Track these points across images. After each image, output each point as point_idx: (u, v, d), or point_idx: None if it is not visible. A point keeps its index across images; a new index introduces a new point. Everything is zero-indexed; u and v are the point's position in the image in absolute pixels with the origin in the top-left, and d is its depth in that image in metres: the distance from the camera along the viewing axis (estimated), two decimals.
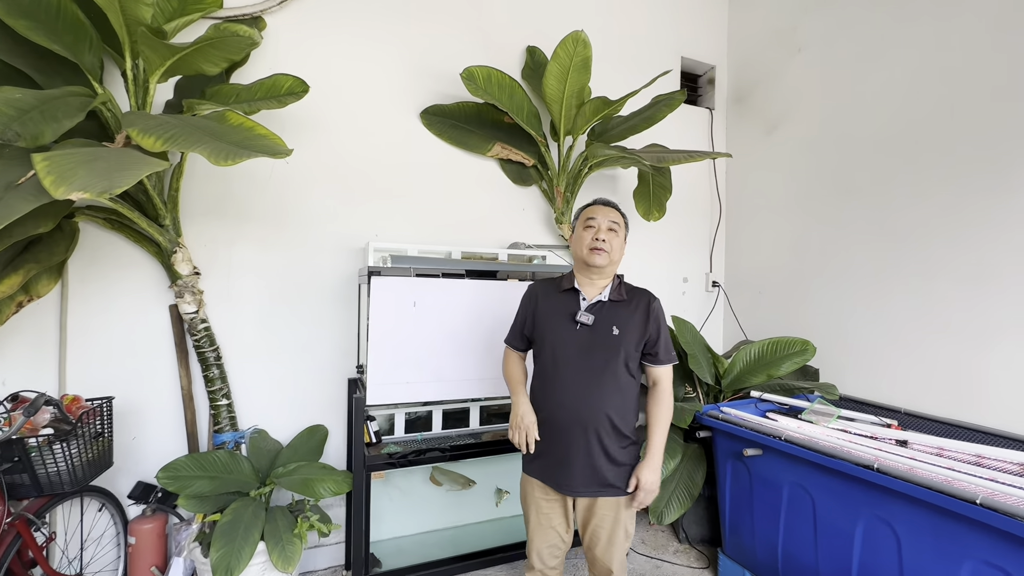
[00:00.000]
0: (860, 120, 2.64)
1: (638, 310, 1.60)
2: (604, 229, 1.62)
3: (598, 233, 1.61)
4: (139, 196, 2.00)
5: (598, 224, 1.63)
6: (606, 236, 1.61)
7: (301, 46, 2.39)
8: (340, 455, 2.44)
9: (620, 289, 1.64)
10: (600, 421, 1.54)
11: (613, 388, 1.55)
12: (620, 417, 1.57)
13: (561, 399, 1.58)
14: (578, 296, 1.65)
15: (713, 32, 3.45)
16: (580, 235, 1.66)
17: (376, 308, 2.04)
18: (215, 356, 2.15)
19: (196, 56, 1.80)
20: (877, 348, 2.54)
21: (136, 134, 1.56)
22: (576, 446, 1.56)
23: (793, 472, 1.94)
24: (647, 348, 1.60)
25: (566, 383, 1.58)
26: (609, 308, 1.61)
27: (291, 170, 2.37)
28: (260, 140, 1.68)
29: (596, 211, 1.67)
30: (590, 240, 1.61)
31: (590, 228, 1.63)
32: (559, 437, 1.58)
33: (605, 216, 1.64)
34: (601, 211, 1.66)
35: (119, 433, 2.03)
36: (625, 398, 1.58)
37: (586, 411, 1.55)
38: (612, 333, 1.57)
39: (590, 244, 1.61)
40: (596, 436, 1.54)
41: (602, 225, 1.62)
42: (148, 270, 2.13)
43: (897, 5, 2.47)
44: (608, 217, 1.64)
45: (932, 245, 2.32)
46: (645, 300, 1.62)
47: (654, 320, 1.60)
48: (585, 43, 2.28)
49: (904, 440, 2.00)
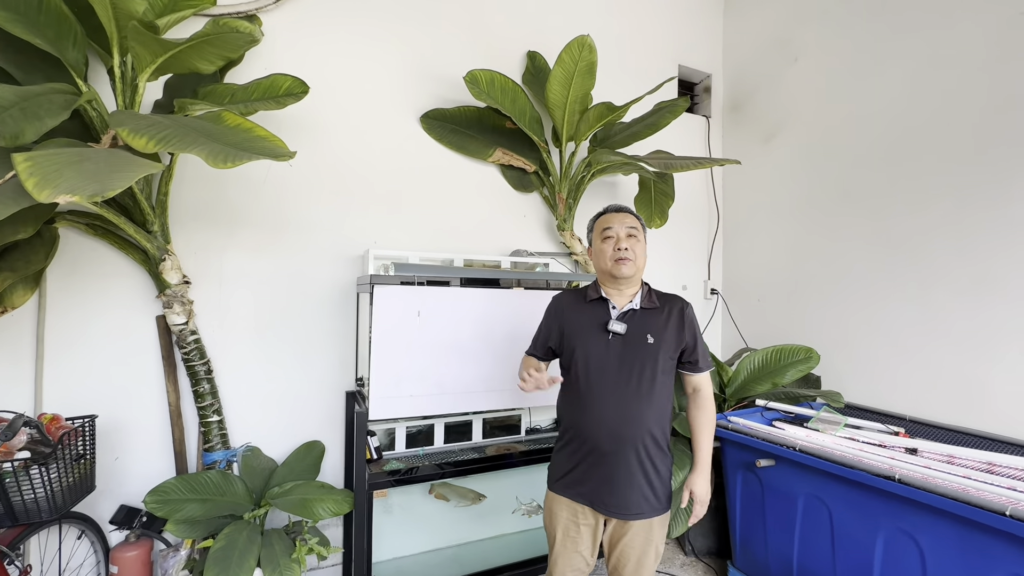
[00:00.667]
0: (858, 129, 2.66)
1: (672, 317, 1.54)
2: (624, 237, 1.56)
3: (619, 243, 1.54)
4: (125, 200, 1.88)
5: (616, 233, 1.56)
6: (628, 244, 1.54)
7: (297, 46, 2.30)
8: (338, 472, 2.33)
9: (651, 296, 1.59)
10: (643, 437, 1.48)
11: (652, 400, 1.49)
12: (661, 431, 1.52)
13: (600, 415, 1.49)
14: (607, 305, 1.58)
15: (708, 41, 3.47)
16: (600, 248, 1.59)
17: (379, 318, 1.96)
18: (205, 370, 2.03)
19: (190, 53, 1.71)
20: (878, 355, 2.55)
21: (126, 134, 1.46)
22: (616, 464, 1.48)
23: (808, 483, 1.91)
24: (685, 356, 1.55)
25: (603, 398, 1.50)
26: (641, 316, 1.55)
27: (287, 174, 2.28)
28: (260, 142, 1.59)
29: (611, 219, 1.60)
30: (612, 251, 1.55)
31: (609, 239, 1.57)
32: (600, 457, 1.50)
33: (622, 223, 1.58)
34: (617, 218, 1.59)
35: (101, 453, 1.90)
36: (664, 410, 1.52)
37: (628, 427, 1.47)
38: (647, 342, 1.50)
39: (613, 256, 1.54)
40: (637, 453, 1.47)
41: (620, 233, 1.56)
42: (134, 279, 2.01)
43: (894, 16, 2.50)
44: (625, 224, 1.58)
45: (932, 253, 2.34)
46: (678, 306, 1.57)
47: (689, 326, 1.55)
48: (591, 48, 2.25)
49: (914, 448, 1.99)
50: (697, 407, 1.59)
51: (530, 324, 2.20)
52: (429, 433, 2.30)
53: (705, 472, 1.54)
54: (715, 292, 3.41)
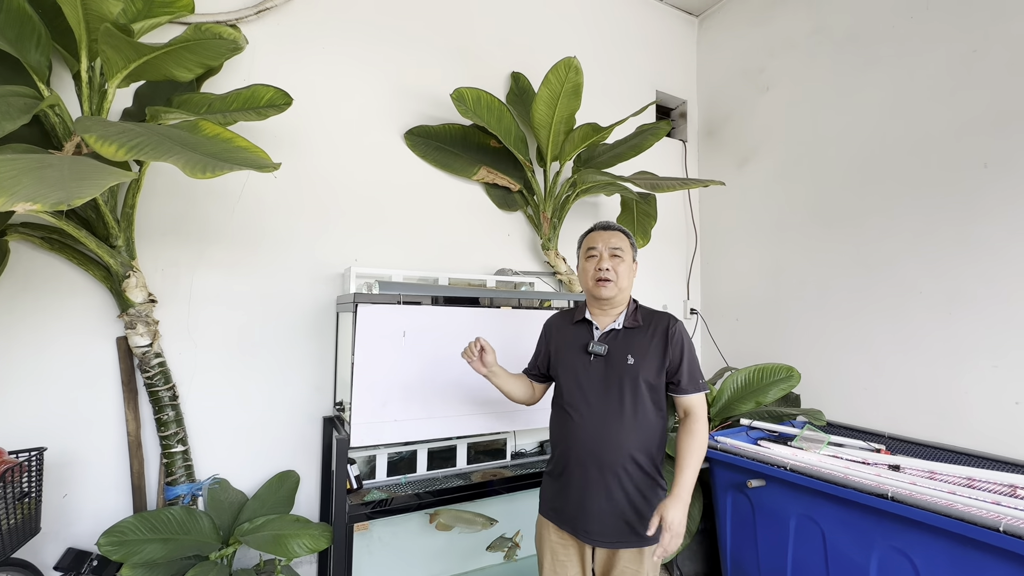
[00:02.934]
0: (829, 154, 2.77)
1: (656, 335, 1.50)
2: (607, 257, 1.52)
3: (600, 262, 1.52)
4: (87, 213, 1.75)
5: (599, 252, 1.53)
6: (610, 264, 1.51)
7: (278, 59, 2.24)
8: (312, 504, 2.18)
9: (636, 315, 1.55)
10: (622, 461, 1.43)
11: (635, 424, 1.44)
12: (646, 456, 1.45)
13: (579, 437, 1.46)
14: (591, 327, 1.56)
15: (683, 68, 3.59)
16: (583, 267, 1.57)
17: (362, 338, 1.87)
18: (170, 396, 1.88)
19: (167, 59, 1.62)
20: (856, 372, 2.61)
21: (94, 140, 1.36)
22: (596, 489, 1.43)
23: (800, 503, 1.90)
24: (669, 376, 1.49)
25: (583, 420, 1.47)
26: (624, 336, 1.52)
27: (264, 189, 2.18)
28: (242, 152, 1.51)
29: (596, 238, 1.56)
30: (593, 271, 1.52)
31: (592, 258, 1.54)
32: (578, 480, 1.46)
33: (606, 243, 1.54)
34: (601, 237, 1.56)
35: (48, 490, 1.71)
36: (649, 435, 1.46)
37: (606, 450, 1.43)
38: (627, 362, 1.47)
39: (594, 275, 1.52)
40: (618, 478, 1.42)
41: (603, 253, 1.53)
42: (93, 297, 1.86)
43: (861, 49, 2.64)
44: (609, 244, 1.54)
45: (905, 272, 2.42)
46: (663, 324, 1.52)
47: (675, 344, 1.48)
48: (577, 69, 2.27)
49: (896, 465, 2.01)
50: (686, 430, 1.47)
51: (518, 344, 2.15)
52: (412, 459, 2.19)
53: (681, 499, 1.36)
54: (694, 312, 3.45)
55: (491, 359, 1.63)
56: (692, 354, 1.52)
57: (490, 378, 1.65)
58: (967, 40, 2.25)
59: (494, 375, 1.65)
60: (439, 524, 2.10)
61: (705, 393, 1.52)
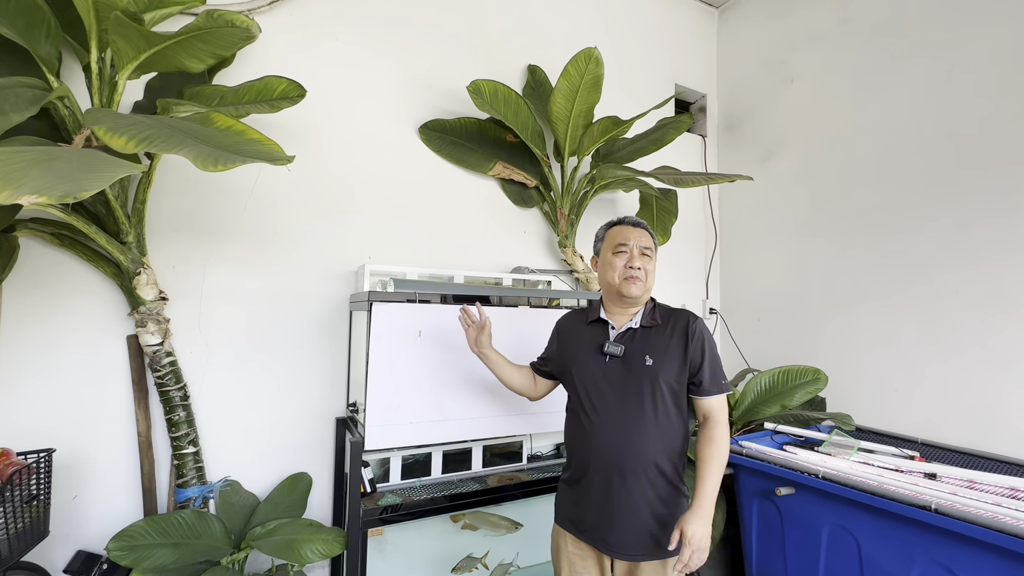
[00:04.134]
0: (858, 148, 2.67)
1: (675, 334, 1.41)
2: (638, 255, 1.44)
3: (632, 260, 1.43)
4: (98, 208, 1.71)
5: (630, 249, 1.45)
6: (640, 263, 1.43)
7: (291, 51, 2.19)
8: (325, 507, 2.14)
9: (653, 313, 1.47)
10: (644, 469, 1.35)
11: (656, 429, 1.36)
12: (669, 463, 1.38)
13: (598, 444, 1.38)
14: (607, 326, 1.48)
15: (703, 62, 3.49)
16: (610, 261, 1.46)
17: (377, 338, 1.81)
18: (181, 395, 1.84)
19: (178, 49, 1.57)
20: (886, 375, 2.51)
21: (103, 133, 1.31)
22: (617, 499, 1.35)
23: (833, 512, 1.81)
24: (690, 376, 1.40)
25: (601, 425, 1.39)
26: (641, 335, 1.44)
27: (276, 185, 2.13)
28: (254, 145, 1.46)
29: (627, 233, 1.47)
30: (623, 268, 1.43)
31: (622, 253, 1.45)
32: (598, 489, 1.38)
33: (638, 240, 1.46)
34: (632, 233, 1.47)
35: (57, 492, 1.68)
36: (672, 440, 1.38)
37: (627, 457, 1.35)
38: (645, 364, 1.38)
39: (624, 273, 1.43)
40: (640, 487, 1.35)
41: (634, 251, 1.44)
42: (104, 295, 1.82)
43: (895, 38, 2.53)
44: (640, 241, 1.46)
45: (938, 270, 2.32)
46: (683, 321, 1.43)
47: (696, 343, 1.39)
48: (598, 60, 2.20)
49: (933, 473, 1.92)
50: (705, 437, 1.38)
51: (536, 344, 2.08)
52: (426, 462, 2.13)
53: (703, 512, 1.29)
54: (714, 312, 3.36)
55: (486, 341, 1.62)
56: (714, 353, 1.43)
57: (482, 359, 1.64)
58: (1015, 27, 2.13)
59: (486, 358, 1.63)
60: (465, 524, 2.04)
61: (727, 395, 1.44)
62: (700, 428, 1.44)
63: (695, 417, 1.48)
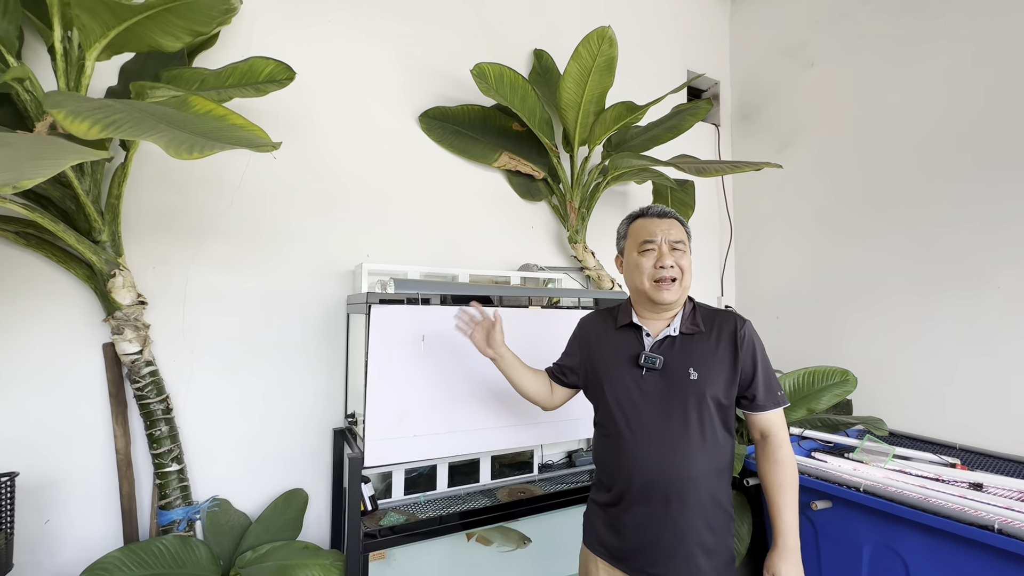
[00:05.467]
0: (884, 134, 2.51)
1: (722, 342, 1.24)
2: (668, 252, 1.24)
3: (662, 259, 1.24)
4: (67, 204, 1.55)
5: (658, 245, 1.25)
6: (673, 260, 1.24)
7: (280, 33, 2.02)
8: (322, 526, 1.98)
9: (694, 317, 1.28)
10: (693, 494, 1.19)
11: (703, 450, 1.19)
12: (721, 486, 1.22)
13: (638, 466, 1.22)
14: (640, 332, 1.30)
15: (715, 48, 3.33)
16: (636, 262, 1.28)
17: (377, 343, 1.65)
18: (163, 408, 1.68)
19: (151, 25, 1.41)
20: (918, 376, 2.36)
21: (64, 117, 1.15)
22: (663, 528, 1.20)
23: (877, 529, 1.66)
24: (741, 389, 1.24)
25: (641, 445, 1.22)
26: (682, 344, 1.25)
27: (265, 177, 1.97)
28: (236, 131, 1.30)
29: (654, 227, 1.27)
30: (652, 269, 1.24)
31: (649, 251, 1.26)
32: (640, 516, 1.22)
33: (666, 233, 1.26)
34: (660, 226, 1.27)
35: (25, 516, 1.52)
36: (721, 462, 1.23)
37: (672, 482, 1.19)
38: (689, 377, 1.21)
39: (653, 274, 1.24)
40: (688, 515, 1.19)
41: (663, 247, 1.25)
42: (76, 299, 1.66)
43: (922, 17, 2.38)
44: (669, 235, 1.26)
45: (976, 263, 2.17)
46: (730, 326, 1.25)
47: (747, 350, 1.22)
48: (612, 41, 2.04)
49: (979, 483, 1.77)
50: (768, 459, 1.24)
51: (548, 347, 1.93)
52: (431, 475, 1.98)
53: (791, 550, 1.18)
54: (729, 309, 3.20)
55: (499, 338, 1.43)
56: (767, 362, 1.27)
57: (497, 363, 1.45)
58: None
59: (502, 358, 1.44)
60: (479, 538, 1.89)
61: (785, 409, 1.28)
62: (759, 447, 1.28)
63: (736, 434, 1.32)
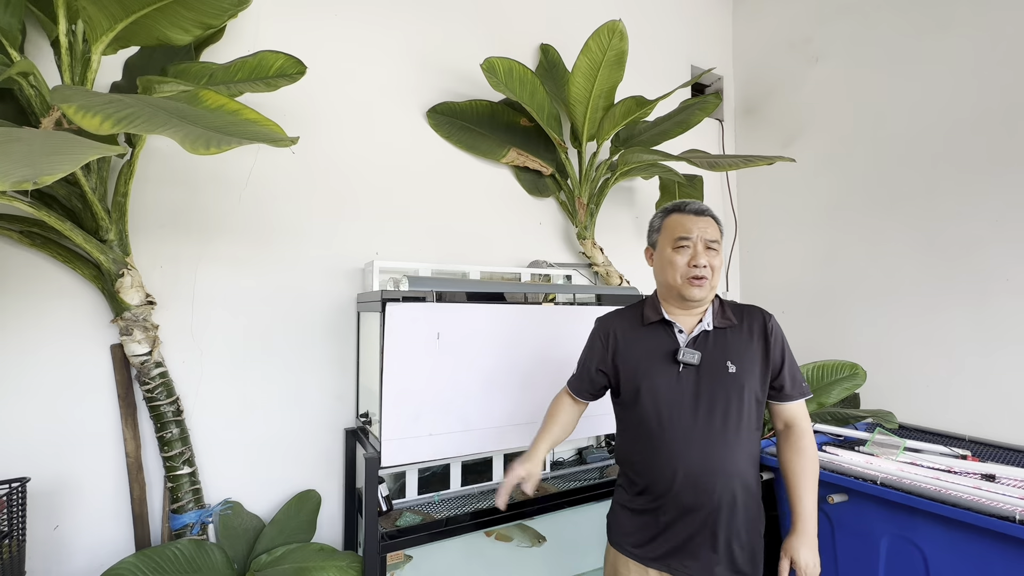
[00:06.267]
0: (891, 129, 2.51)
1: (754, 335, 1.25)
2: (703, 251, 1.23)
3: (696, 257, 1.23)
4: (72, 202, 1.51)
5: (694, 243, 1.24)
6: (707, 259, 1.23)
7: (287, 28, 1.99)
8: (335, 527, 1.96)
9: (724, 311, 1.29)
10: (734, 488, 1.19)
11: (742, 442, 1.20)
12: (755, 479, 1.23)
13: (679, 463, 1.21)
14: (672, 328, 1.29)
15: (718, 42, 3.32)
16: (669, 258, 1.26)
17: (392, 342, 1.63)
18: (174, 411, 1.65)
19: (159, 18, 1.38)
20: (927, 370, 2.37)
21: (74, 112, 1.11)
22: (700, 526, 1.20)
23: (894, 522, 1.67)
24: (770, 381, 1.25)
25: (681, 442, 1.21)
26: (716, 338, 1.26)
27: (273, 175, 1.94)
28: (251, 126, 1.28)
29: (689, 224, 1.25)
30: (686, 267, 1.23)
31: (683, 248, 1.24)
32: (681, 515, 1.22)
33: (702, 231, 1.24)
34: (697, 224, 1.25)
35: (34, 523, 1.49)
36: (754, 453, 1.24)
37: (715, 477, 1.19)
38: (728, 371, 1.22)
39: (687, 272, 1.23)
40: (728, 511, 1.19)
41: (699, 246, 1.23)
42: (83, 300, 1.62)
43: (930, 13, 2.38)
44: (706, 234, 1.24)
45: (986, 256, 2.18)
46: (759, 320, 1.28)
47: (776, 343, 1.25)
48: (622, 35, 2.02)
49: (991, 474, 1.78)
50: (792, 447, 1.26)
51: (561, 345, 1.91)
52: (444, 475, 1.97)
53: (809, 535, 1.20)
54: None
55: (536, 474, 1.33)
56: (791, 354, 1.29)
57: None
58: None
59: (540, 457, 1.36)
60: (499, 535, 1.88)
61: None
62: (782, 437, 1.29)
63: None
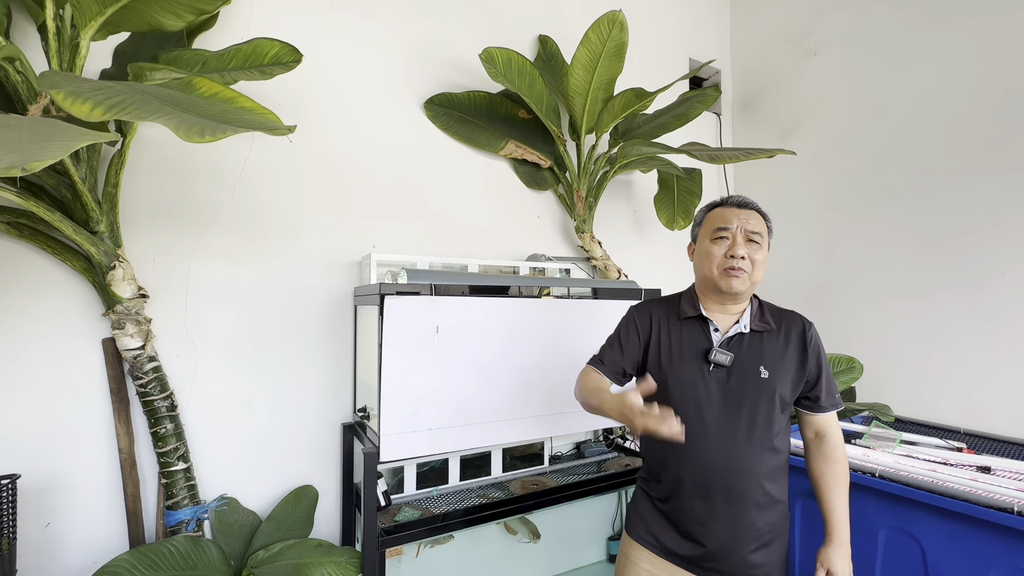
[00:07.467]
0: (889, 123, 2.52)
1: (791, 342, 1.23)
2: (742, 242, 1.21)
3: (734, 248, 1.20)
4: (62, 192, 1.48)
5: (733, 234, 1.22)
6: (745, 251, 1.20)
7: (280, 16, 1.95)
8: (333, 523, 1.94)
9: (763, 314, 1.27)
10: (754, 491, 1.19)
11: (766, 449, 1.19)
12: (778, 485, 1.23)
13: (701, 462, 1.21)
14: (708, 326, 1.26)
15: (716, 36, 3.31)
16: (707, 249, 1.25)
17: (390, 335, 1.61)
18: (167, 406, 1.62)
19: (151, 2, 1.34)
20: (923, 363, 2.38)
21: (63, 98, 1.08)
22: (723, 525, 1.20)
23: (891, 514, 1.67)
24: (805, 391, 1.24)
25: (707, 443, 1.20)
26: (751, 341, 1.23)
27: (268, 166, 1.91)
28: (246, 114, 1.24)
29: (729, 216, 1.24)
30: (723, 258, 1.21)
31: (722, 239, 1.23)
32: (698, 513, 1.22)
33: (743, 223, 1.22)
34: (738, 216, 1.23)
35: (25, 520, 1.46)
36: (780, 459, 1.23)
37: (735, 480, 1.19)
38: (760, 376, 1.19)
39: (723, 263, 1.21)
40: (748, 512, 1.19)
41: (739, 237, 1.21)
42: (73, 293, 1.58)
43: (929, 6, 2.38)
44: (747, 225, 1.22)
45: (982, 250, 2.20)
46: (798, 328, 1.25)
47: (813, 353, 1.23)
48: (622, 25, 2.00)
49: (987, 467, 1.80)
50: (824, 457, 1.27)
51: (561, 338, 1.91)
52: (443, 469, 1.96)
53: (844, 544, 1.23)
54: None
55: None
56: (828, 365, 1.27)
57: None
58: None
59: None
60: (507, 526, 1.88)
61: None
62: (813, 446, 1.30)
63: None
